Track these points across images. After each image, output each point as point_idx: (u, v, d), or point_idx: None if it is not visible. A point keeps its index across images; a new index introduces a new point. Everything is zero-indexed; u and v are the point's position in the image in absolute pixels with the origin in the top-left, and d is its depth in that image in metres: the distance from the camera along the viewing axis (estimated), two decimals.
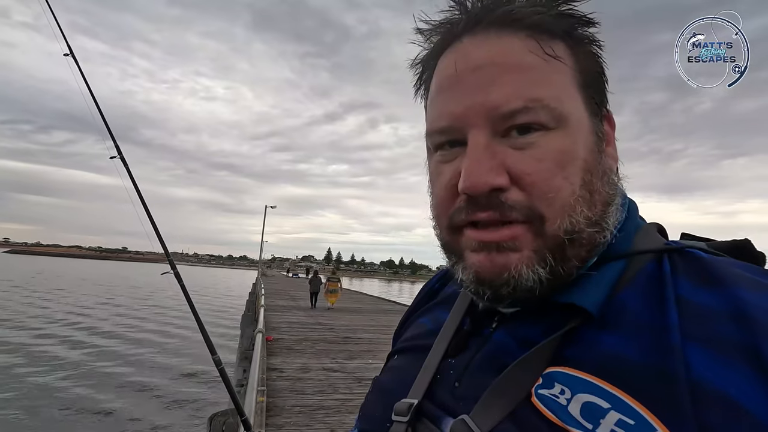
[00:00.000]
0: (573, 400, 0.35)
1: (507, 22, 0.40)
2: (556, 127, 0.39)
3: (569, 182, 0.38)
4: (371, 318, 12.86)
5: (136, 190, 1.90)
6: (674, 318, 0.35)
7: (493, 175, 0.38)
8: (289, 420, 4.23)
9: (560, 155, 0.38)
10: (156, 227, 1.95)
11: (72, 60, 1.95)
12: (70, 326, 19.08)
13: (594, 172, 0.40)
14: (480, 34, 0.41)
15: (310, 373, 5.96)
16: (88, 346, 15.40)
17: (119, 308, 26.62)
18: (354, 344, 8.31)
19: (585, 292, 0.39)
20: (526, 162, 0.38)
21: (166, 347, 15.91)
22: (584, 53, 0.42)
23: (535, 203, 0.38)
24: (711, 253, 0.40)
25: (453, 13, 0.44)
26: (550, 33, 0.40)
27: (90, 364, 12.85)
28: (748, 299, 0.33)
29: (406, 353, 0.55)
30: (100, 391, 10.52)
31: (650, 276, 0.39)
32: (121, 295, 33.63)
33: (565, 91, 0.40)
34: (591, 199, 0.40)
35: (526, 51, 0.39)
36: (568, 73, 0.41)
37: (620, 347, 0.35)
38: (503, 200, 0.38)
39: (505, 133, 0.39)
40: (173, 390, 10.98)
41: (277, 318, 11.31)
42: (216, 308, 28.79)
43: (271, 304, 14.35)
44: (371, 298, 22.99)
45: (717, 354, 0.32)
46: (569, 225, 0.38)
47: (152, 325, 20.81)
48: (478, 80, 0.39)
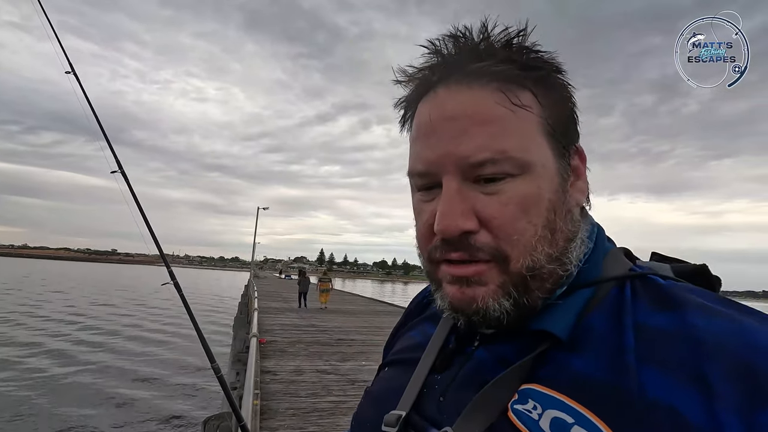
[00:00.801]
0: (544, 416, 0.39)
1: (477, 74, 0.43)
2: (521, 174, 0.42)
3: (532, 224, 0.42)
4: (364, 319, 12.86)
5: (137, 202, 1.91)
6: (630, 341, 0.39)
7: (462, 219, 0.42)
8: (282, 423, 4.25)
9: (524, 200, 0.42)
10: (156, 238, 1.97)
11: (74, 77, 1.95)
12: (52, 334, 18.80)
13: (558, 211, 0.44)
14: (452, 85, 0.44)
15: (303, 375, 5.97)
16: (72, 354, 15.20)
17: (110, 313, 26.26)
18: (347, 346, 8.33)
19: (555, 319, 0.43)
20: (493, 207, 0.42)
21: (155, 353, 15.75)
22: (551, 100, 0.45)
23: (500, 245, 0.42)
24: (671, 278, 0.45)
25: (431, 58, 0.47)
26: (517, 83, 0.43)
27: (76, 374, 12.69)
28: (696, 323, 0.37)
29: (396, 366, 0.59)
30: (89, 398, 10.39)
31: (613, 301, 0.43)
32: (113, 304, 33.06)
33: (531, 139, 0.43)
34: (553, 237, 0.43)
35: (494, 103, 0.42)
36: (534, 120, 0.43)
37: (585, 367, 0.40)
38: (472, 242, 0.42)
39: (475, 179, 0.43)
40: (163, 395, 10.89)
41: (270, 320, 11.26)
42: (207, 311, 28.52)
43: (264, 307, 14.26)
44: (364, 300, 22.89)
45: (666, 373, 0.36)
46: (531, 263, 0.42)
47: (141, 331, 20.57)
48: (450, 130, 0.43)
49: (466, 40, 0.46)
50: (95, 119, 1.90)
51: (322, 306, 15.12)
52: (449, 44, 0.46)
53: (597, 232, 0.50)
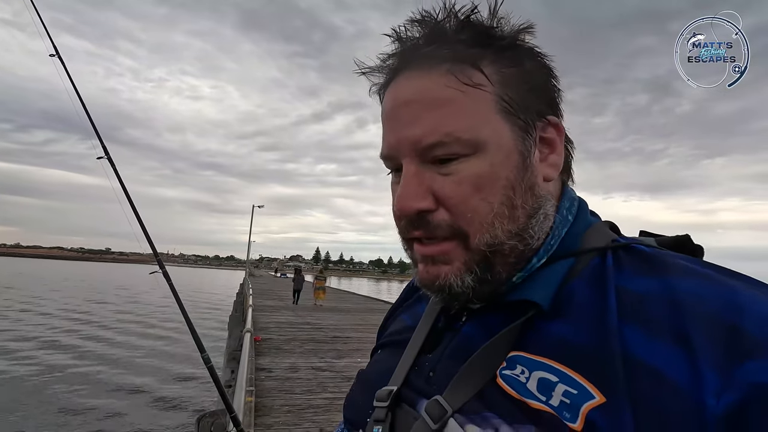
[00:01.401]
0: (531, 378, 0.40)
1: (430, 59, 0.44)
2: (473, 153, 0.43)
3: (487, 202, 0.43)
4: (360, 317, 12.87)
5: (124, 190, 1.88)
6: (613, 303, 0.40)
7: (418, 199, 0.43)
8: (277, 419, 4.23)
9: (477, 179, 0.43)
10: (144, 226, 1.94)
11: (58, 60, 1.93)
12: (52, 329, 18.67)
13: (516, 188, 0.44)
14: (411, 71, 0.45)
15: (298, 372, 5.96)
16: (69, 348, 15.10)
17: (104, 310, 26.12)
18: (343, 343, 8.32)
19: (536, 289, 0.44)
20: (448, 186, 0.43)
21: (151, 349, 15.68)
22: (509, 75, 0.45)
23: (457, 222, 0.43)
24: (654, 248, 0.45)
25: (395, 46, 0.48)
26: (470, 62, 0.44)
27: (73, 366, 12.61)
28: (679, 285, 0.38)
29: (388, 348, 0.60)
30: (83, 392, 10.33)
31: (595, 269, 0.44)
32: (104, 301, 32.93)
33: (483, 118, 0.43)
34: (511, 214, 0.44)
35: (443, 86, 0.43)
36: (487, 99, 0.43)
37: (568, 332, 0.41)
38: (430, 220, 0.44)
39: (432, 160, 0.44)
40: (159, 391, 10.83)
41: (266, 318, 11.24)
42: (202, 309, 28.45)
43: (259, 304, 14.26)
44: (360, 298, 22.97)
45: (648, 332, 0.37)
46: (490, 239, 0.43)
47: (136, 326, 20.47)
48: (405, 116, 0.45)
49: (426, 24, 0.46)
50: (80, 102, 1.87)
51: (317, 303, 15.46)
52: (412, 29, 0.47)
53: (579, 206, 0.50)
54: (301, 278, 16.73)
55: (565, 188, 0.51)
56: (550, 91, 0.48)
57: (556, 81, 0.49)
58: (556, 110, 0.49)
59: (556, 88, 0.49)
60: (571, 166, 0.52)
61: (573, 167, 0.53)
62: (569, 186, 0.52)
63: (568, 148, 0.51)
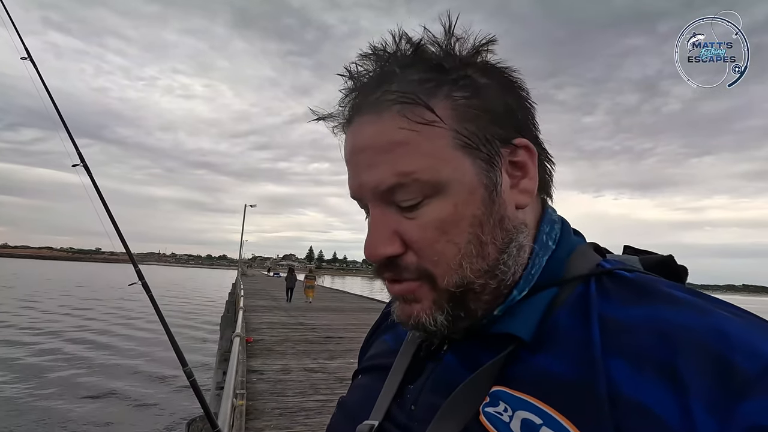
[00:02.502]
0: (514, 417, 0.38)
1: (380, 102, 0.42)
2: (435, 195, 0.41)
3: (453, 243, 0.42)
4: (353, 317, 12.85)
5: (101, 199, 1.81)
6: (596, 334, 0.38)
7: (385, 245, 0.43)
8: (269, 423, 4.19)
9: (441, 222, 0.41)
10: (123, 238, 1.88)
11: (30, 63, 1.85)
12: (32, 332, 18.39)
13: (484, 224, 0.42)
14: (362, 116, 0.44)
15: (290, 374, 5.92)
16: (54, 352, 14.88)
17: (88, 311, 25.80)
18: (335, 344, 8.30)
19: (518, 321, 0.42)
20: (413, 230, 0.42)
21: (138, 351, 15.51)
22: (467, 103, 0.42)
23: (424, 265, 0.42)
24: (638, 271, 0.44)
25: (350, 86, 0.46)
26: (423, 99, 0.41)
27: (56, 371, 12.43)
28: (665, 314, 0.37)
29: (369, 373, 0.58)
30: (70, 397, 10.19)
31: (578, 298, 0.42)
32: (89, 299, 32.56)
33: (440, 157, 0.41)
34: (481, 251, 0.42)
35: (396, 129, 0.41)
36: (444, 135, 0.41)
37: (551, 366, 0.39)
38: (398, 263, 0.43)
39: (397, 204, 0.43)
40: (146, 396, 10.72)
41: (258, 319, 11.18)
42: (193, 309, 28.23)
43: (252, 305, 14.18)
44: (353, 297, 22.97)
45: (635, 366, 0.35)
46: (458, 279, 0.42)
47: (121, 328, 20.24)
48: (362, 161, 0.43)
49: (377, 61, 0.44)
50: (55, 109, 1.80)
51: (307, 300, 16.35)
52: (365, 65, 0.45)
53: (561, 230, 0.48)
54: (293, 277, 17.42)
55: (545, 210, 0.48)
56: (517, 111, 0.45)
57: (523, 98, 0.46)
58: (526, 130, 0.45)
59: (525, 105, 0.46)
60: (550, 182, 0.49)
61: (553, 182, 0.49)
62: (549, 207, 0.49)
63: (546, 164, 0.48)
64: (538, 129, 0.47)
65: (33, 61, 1.90)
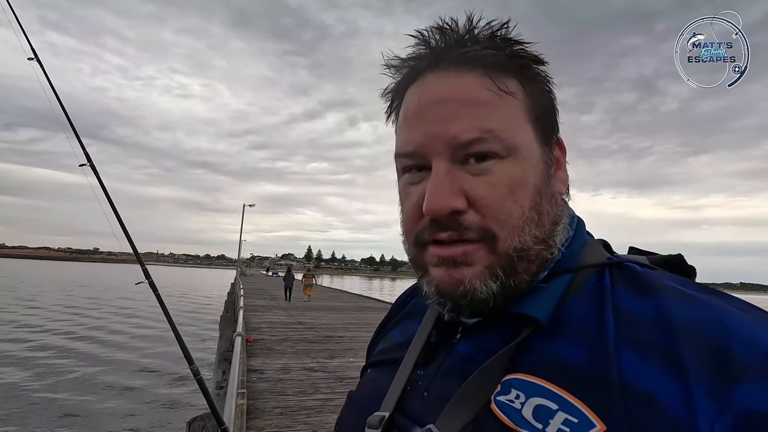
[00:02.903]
0: (527, 404, 0.39)
1: (465, 61, 0.45)
2: (508, 156, 0.43)
3: (519, 205, 0.43)
4: (352, 316, 12.85)
5: (108, 199, 1.83)
6: (610, 325, 0.39)
7: (452, 199, 0.42)
8: (270, 422, 4.20)
9: (511, 181, 0.43)
10: (130, 238, 1.89)
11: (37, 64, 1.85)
12: (34, 330, 18.35)
13: (543, 195, 0.45)
14: (441, 71, 0.45)
15: (291, 373, 5.92)
16: (58, 348, 14.86)
17: (92, 311, 25.74)
18: (335, 343, 8.30)
19: (536, 304, 0.43)
20: (481, 187, 0.42)
21: (141, 348, 15.49)
22: (534, 89, 0.47)
23: (488, 224, 0.42)
24: (648, 267, 0.45)
25: (419, 48, 0.48)
26: (503, 71, 0.45)
27: (63, 368, 12.41)
28: (671, 307, 0.38)
29: (378, 367, 0.58)
30: (73, 393, 10.18)
31: (593, 288, 0.44)
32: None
33: (517, 124, 0.44)
34: (539, 219, 0.44)
35: (481, 87, 0.44)
36: (519, 107, 0.45)
37: (566, 352, 0.40)
38: (461, 221, 0.42)
39: (464, 160, 0.43)
40: (149, 392, 10.72)
41: (257, 318, 11.17)
42: (193, 309, 28.17)
43: (251, 304, 14.17)
44: (352, 296, 22.95)
45: (643, 356, 0.37)
46: (519, 243, 0.42)
47: (124, 326, 20.21)
48: (439, 113, 0.44)
49: (453, 32, 0.47)
50: (61, 109, 1.80)
51: (306, 299, 17.01)
52: (436, 35, 0.47)
53: (577, 223, 0.51)
54: (291, 276, 17.90)
55: (565, 205, 0.51)
56: (556, 113, 0.50)
57: (557, 102, 0.50)
58: (558, 129, 0.50)
59: (557, 110, 0.50)
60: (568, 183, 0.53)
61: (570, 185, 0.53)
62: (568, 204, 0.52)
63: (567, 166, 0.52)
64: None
65: (40, 62, 1.90)
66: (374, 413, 0.48)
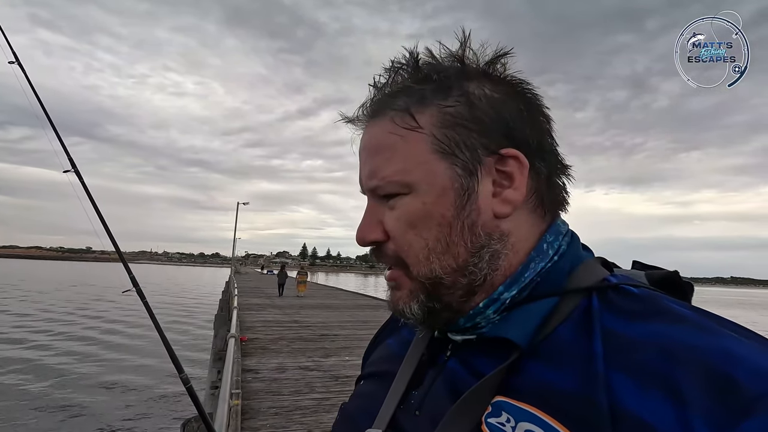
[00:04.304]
0: (517, 428, 0.39)
1: (377, 109, 0.49)
2: (408, 192, 0.46)
3: (422, 238, 0.46)
4: (347, 314, 12.80)
5: (91, 201, 1.79)
6: (599, 348, 0.38)
7: (368, 232, 0.48)
8: (265, 422, 4.18)
9: (411, 216, 0.46)
10: (114, 239, 1.85)
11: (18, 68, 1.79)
12: (27, 329, 18.16)
13: (453, 226, 0.45)
14: (369, 120, 0.50)
15: (286, 373, 5.90)
16: (53, 348, 14.73)
17: (85, 311, 25.53)
18: (330, 341, 8.29)
19: (511, 327, 0.44)
20: (391, 221, 0.47)
21: (131, 348, 15.39)
22: (451, 114, 0.45)
23: (399, 254, 0.47)
24: (644, 286, 0.44)
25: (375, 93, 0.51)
26: (419, 102, 0.46)
27: (56, 365, 12.30)
28: (668, 331, 0.37)
29: (373, 379, 0.58)
30: (66, 391, 10.10)
31: (583, 312, 0.43)
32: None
33: (415, 160, 0.45)
34: (448, 250, 0.45)
35: (386, 133, 0.47)
36: (424, 140, 0.45)
37: (555, 378, 0.40)
38: (383, 250, 0.49)
39: (381, 197, 0.48)
40: (144, 393, 10.66)
41: (252, 317, 11.12)
42: (186, 307, 28.02)
43: (246, 303, 14.11)
44: (347, 294, 22.92)
45: (636, 381, 0.36)
46: (427, 272, 0.45)
47: (116, 327, 20.07)
48: (361, 159, 0.50)
49: (390, 72, 0.49)
50: (44, 112, 1.76)
51: (299, 294, 18.50)
52: (384, 76, 0.50)
53: (569, 243, 0.48)
54: (284, 273, 20.11)
55: (554, 222, 0.49)
56: (513, 122, 0.45)
57: (531, 110, 0.47)
58: (522, 142, 0.45)
59: (533, 118, 0.47)
60: (564, 194, 0.50)
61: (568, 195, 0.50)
62: (560, 219, 0.50)
63: (561, 177, 0.49)
64: (550, 143, 0.48)
65: (21, 65, 1.85)
66: (367, 430, 0.48)
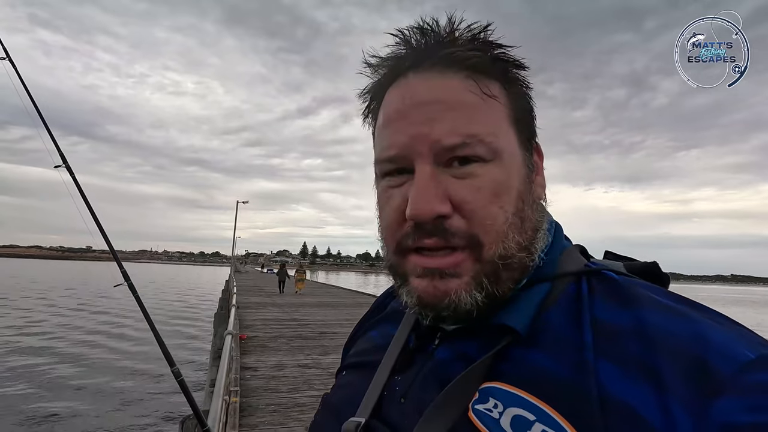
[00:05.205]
0: (505, 414, 0.38)
1: (449, 62, 0.43)
2: (492, 160, 0.42)
3: (503, 210, 0.42)
4: (347, 312, 12.85)
5: (84, 199, 1.79)
6: (589, 337, 0.39)
7: (437, 203, 0.40)
8: (263, 419, 4.19)
9: (496, 185, 0.42)
10: (107, 236, 1.85)
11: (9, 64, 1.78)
12: (19, 331, 18.19)
13: (525, 200, 0.44)
14: (424, 72, 0.44)
15: (284, 370, 5.92)
16: (44, 350, 14.74)
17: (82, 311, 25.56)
18: (329, 339, 8.30)
19: (514, 314, 0.42)
20: (466, 191, 0.41)
21: (128, 348, 15.41)
22: (516, 93, 0.46)
23: (474, 230, 0.41)
24: (624, 275, 0.45)
25: (399, 48, 0.46)
26: (486, 74, 0.44)
27: (49, 370, 12.31)
28: (651, 319, 0.38)
29: (355, 370, 0.57)
30: (59, 395, 10.11)
31: (571, 297, 0.43)
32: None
33: (500, 127, 0.43)
34: (522, 225, 0.43)
35: (465, 90, 0.43)
36: (502, 110, 0.44)
37: (544, 363, 0.39)
38: (446, 227, 0.41)
39: (447, 163, 0.42)
40: (139, 392, 10.67)
41: (252, 315, 11.14)
42: (187, 306, 28.05)
43: (245, 302, 14.14)
44: (347, 292, 22.96)
45: (622, 369, 0.36)
46: (503, 250, 0.41)
47: (108, 326, 20.08)
48: (423, 115, 0.42)
49: (434, 33, 0.45)
50: (35, 108, 1.75)
51: (297, 291, 19.53)
52: (417, 35, 0.46)
53: (555, 229, 0.50)
54: (284, 271, 20.99)
55: (545, 211, 0.50)
56: (534, 119, 0.49)
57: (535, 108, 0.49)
58: (536, 138, 0.49)
59: (535, 115, 0.49)
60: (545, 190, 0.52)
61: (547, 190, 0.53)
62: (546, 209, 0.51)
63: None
64: None
65: (12, 62, 1.84)
66: (350, 419, 0.47)
